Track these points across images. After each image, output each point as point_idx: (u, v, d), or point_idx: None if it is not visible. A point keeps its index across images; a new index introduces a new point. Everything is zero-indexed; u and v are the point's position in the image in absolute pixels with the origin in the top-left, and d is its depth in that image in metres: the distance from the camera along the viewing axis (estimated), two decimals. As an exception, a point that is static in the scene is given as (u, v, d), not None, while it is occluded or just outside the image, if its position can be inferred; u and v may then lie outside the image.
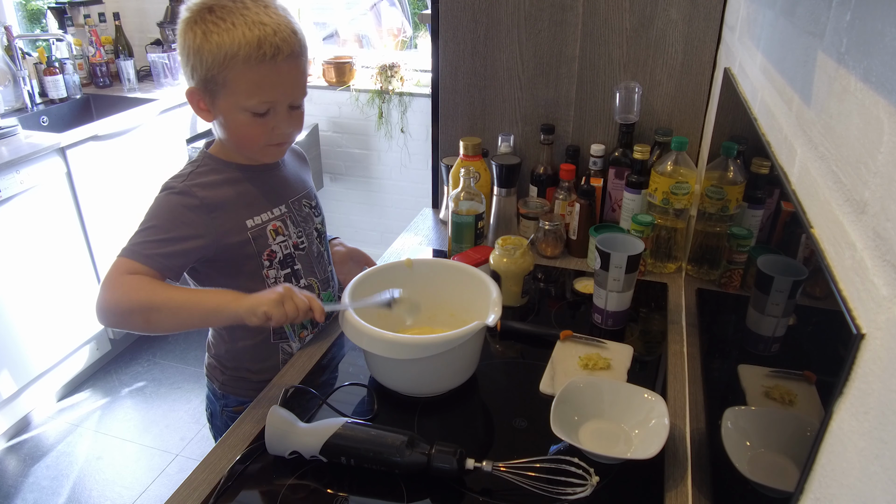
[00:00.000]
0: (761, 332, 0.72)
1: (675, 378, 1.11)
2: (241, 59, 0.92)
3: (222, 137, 1.05)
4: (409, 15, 3.20)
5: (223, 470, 0.90)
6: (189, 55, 0.95)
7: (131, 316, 0.94)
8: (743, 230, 1.00)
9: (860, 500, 0.38)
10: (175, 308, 0.94)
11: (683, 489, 0.88)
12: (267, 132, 1.01)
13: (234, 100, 0.96)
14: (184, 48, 0.96)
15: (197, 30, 0.94)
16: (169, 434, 2.33)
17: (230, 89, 0.96)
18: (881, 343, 0.37)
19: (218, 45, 0.92)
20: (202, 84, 0.97)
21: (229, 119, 1.00)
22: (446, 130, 1.72)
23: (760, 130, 0.81)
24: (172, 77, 2.93)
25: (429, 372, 1.01)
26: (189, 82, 0.99)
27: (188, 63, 0.96)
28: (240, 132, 1.01)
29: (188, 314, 0.96)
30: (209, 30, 0.93)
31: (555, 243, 1.49)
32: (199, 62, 0.94)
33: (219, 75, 0.94)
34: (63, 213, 2.30)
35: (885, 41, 0.41)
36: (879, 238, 0.39)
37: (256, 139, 1.01)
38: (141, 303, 0.93)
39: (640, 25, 1.47)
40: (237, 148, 1.05)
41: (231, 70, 0.93)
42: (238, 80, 0.94)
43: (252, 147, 1.04)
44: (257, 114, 0.98)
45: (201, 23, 0.94)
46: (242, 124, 0.99)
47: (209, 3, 0.95)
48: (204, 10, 0.94)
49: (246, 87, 0.95)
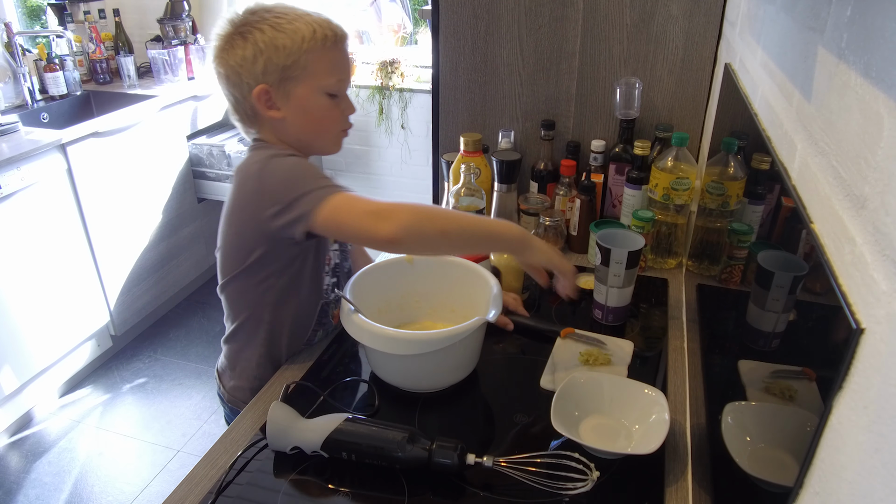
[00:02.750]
0: (762, 328, 0.72)
1: (675, 373, 1.11)
2: (318, 41, 0.98)
3: (294, 134, 1.04)
4: (409, 11, 3.19)
5: (225, 465, 0.91)
6: (258, 54, 0.97)
7: (428, 226, 0.93)
8: (743, 226, 1.00)
9: (859, 494, 0.38)
10: (462, 222, 0.97)
11: (684, 484, 0.88)
12: (340, 116, 1.05)
13: (315, 82, 1.00)
14: (246, 52, 0.97)
15: (262, 27, 0.97)
16: (170, 430, 2.33)
17: (310, 71, 0.99)
18: (881, 338, 0.37)
19: (294, 31, 0.97)
20: (279, 75, 0.98)
21: (310, 105, 1.01)
22: (447, 126, 1.72)
23: (761, 126, 0.81)
24: (172, 73, 2.92)
25: (430, 367, 1.02)
26: (254, 84, 0.98)
27: (256, 61, 0.97)
28: (320, 117, 1.03)
29: (475, 231, 0.98)
30: (277, 24, 0.97)
31: (555, 239, 1.49)
32: (274, 53, 0.97)
33: (300, 60, 0.98)
34: (64, 210, 2.30)
35: (886, 36, 0.41)
36: (879, 233, 0.39)
37: (334, 124, 1.06)
38: (429, 216, 0.94)
39: (640, 21, 1.46)
40: (316, 137, 1.06)
41: (311, 53, 0.98)
42: (318, 61, 0.99)
43: (329, 133, 1.06)
44: (332, 96, 1.02)
45: (263, 21, 0.97)
46: (322, 108, 1.02)
47: (257, 8, 1.00)
48: (259, 15, 0.99)
49: (326, 67, 1.00)
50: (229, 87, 1.01)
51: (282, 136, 1.05)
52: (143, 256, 2.69)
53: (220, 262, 1.09)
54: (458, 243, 0.98)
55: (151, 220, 2.72)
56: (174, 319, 2.96)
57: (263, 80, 0.98)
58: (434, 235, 0.94)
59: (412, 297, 1.17)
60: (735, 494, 0.73)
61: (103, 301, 2.54)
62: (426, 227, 0.93)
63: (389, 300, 1.15)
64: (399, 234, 0.90)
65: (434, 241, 0.95)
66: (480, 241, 1.00)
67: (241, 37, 0.98)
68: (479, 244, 1.01)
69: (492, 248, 1.02)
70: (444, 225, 0.94)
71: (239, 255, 1.04)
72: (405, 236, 0.91)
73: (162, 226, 2.78)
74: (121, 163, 2.52)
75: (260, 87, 0.98)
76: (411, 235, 0.91)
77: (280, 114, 1.01)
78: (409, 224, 0.91)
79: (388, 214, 0.91)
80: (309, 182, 0.95)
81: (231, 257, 1.06)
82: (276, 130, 1.04)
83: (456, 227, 0.95)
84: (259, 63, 0.97)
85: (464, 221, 0.98)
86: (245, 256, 1.03)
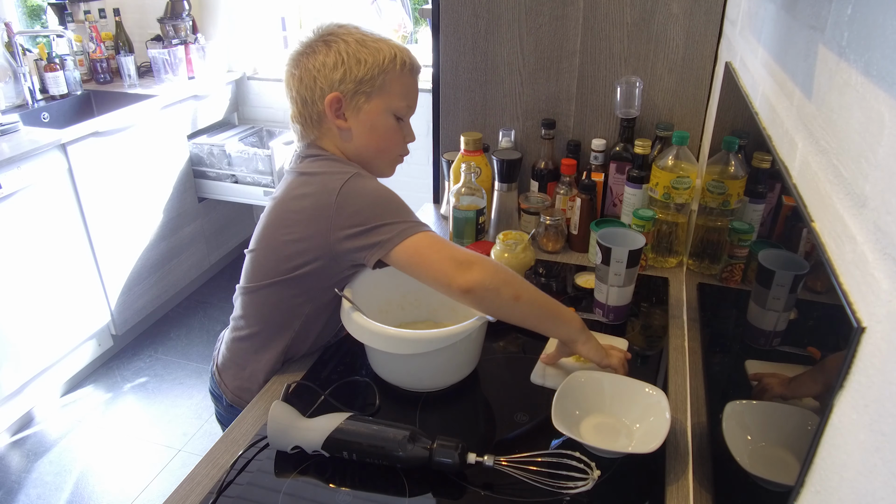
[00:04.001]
0: (762, 327, 0.72)
1: (676, 372, 1.11)
2: (398, 65, 1.03)
3: (356, 147, 1.06)
4: (409, 10, 3.19)
5: (226, 465, 0.91)
6: (338, 63, 1.00)
7: (505, 288, 0.95)
8: (744, 224, 1.00)
9: (860, 493, 0.38)
10: (535, 295, 0.98)
11: (685, 483, 0.88)
12: (401, 140, 1.09)
13: (387, 102, 1.04)
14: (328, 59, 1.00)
15: (348, 39, 1.01)
16: (171, 429, 2.33)
17: (385, 91, 1.03)
18: (882, 336, 0.37)
19: (377, 50, 1.01)
20: (354, 87, 1.01)
21: (377, 122, 1.04)
22: (447, 125, 1.72)
23: (761, 124, 0.81)
24: (173, 73, 2.92)
25: (431, 367, 1.02)
26: (328, 91, 1.01)
27: (336, 69, 1.00)
28: (384, 136, 1.06)
29: (543, 306, 0.99)
30: (363, 40, 1.01)
31: (556, 238, 1.49)
32: (356, 64, 1.00)
33: (378, 77, 1.01)
34: (64, 210, 2.30)
35: (886, 35, 0.41)
36: (880, 231, 0.39)
37: (395, 145, 1.09)
38: (507, 279, 0.96)
39: (640, 20, 1.46)
40: (377, 154, 1.08)
41: (390, 74, 1.02)
42: (393, 83, 1.03)
43: (389, 154, 1.09)
44: (399, 119, 1.06)
45: (349, 35, 1.01)
46: (389, 128, 1.06)
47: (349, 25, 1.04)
48: (346, 28, 1.03)
49: (399, 91, 1.04)
50: (301, 90, 1.03)
51: (343, 147, 1.06)
52: (143, 256, 2.69)
53: (255, 265, 1.07)
54: (526, 312, 0.99)
55: (152, 219, 2.72)
56: (175, 319, 2.96)
57: (339, 88, 1.01)
58: (507, 298, 0.95)
59: (413, 296, 1.17)
60: (736, 493, 0.73)
61: (104, 300, 2.54)
62: (503, 288, 0.95)
63: (390, 300, 1.15)
64: (475, 287, 0.93)
65: (505, 303, 0.96)
66: (545, 319, 1.01)
67: (324, 44, 1.01)
68: (543, 321, 1.01)
69: (550, 330, 1.03)
70: (519, 292, 0.96)
71: (286, 264, 1.02)
72: (481, 290, 0.94)
73: (162, 225, 2.78)
74: (121, 162, 2.52)
75: (333, 95, 1.01)
76: (488, 291, 0.94)
77: (347, 124, 1.03)
78: (488, 281, 0.93)
79: (470, 266, 0.94)
80: (396, 212, 0.98)
81: (272, 263, 1.04)
82: (338, 141, 1.06)
83: (528, 297, 0.97)
84: (338, 71, 1.00)
85: (537, 296, 0.98)
86: (294, 266, 1.02)
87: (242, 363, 1.13)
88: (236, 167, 2.84)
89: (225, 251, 3.25)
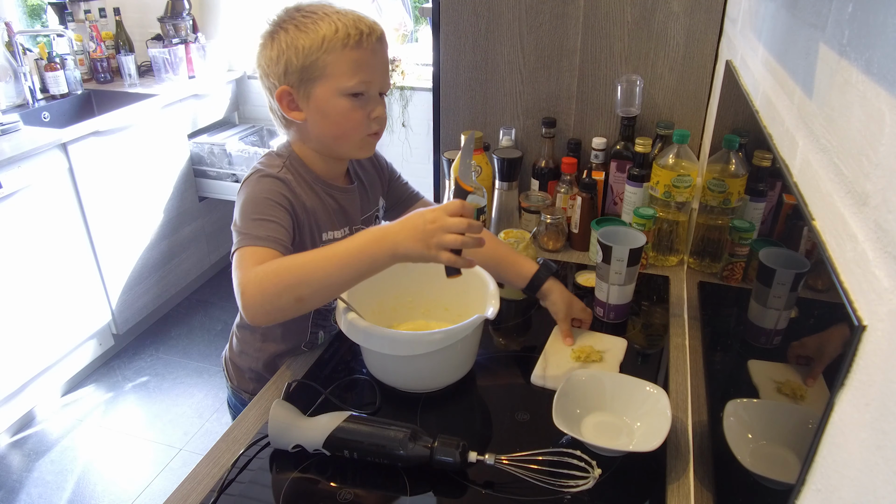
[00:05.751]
0: (763, 325, 0.72)
1: (676, 371, 1.11)
2: (339, 42, 0.95)
3: (315, 137, 1.03)
4: (409, 9, 3.18)
5: (227, 464, 0.91)
6: (280, 55, 0.96)
7: (280, 300, 0.85)
8: (745, 223, 1.00)
9: (862, 491, 0.38)
10: (314, 275, 0.85)
11: (685, 481, 0.88)
12: (365, 118, 1.00)
13: (334, 84, 0.97)
14: (272, 52, 0.97)
15: (288, 27, 0.96)
16: (172, 429, 2.34)
17: (329, 73, 0.96)
18: (882, 334, 0.37)
19: (314, 31, 0.95)
20: (298, 76, 0.97)
21: (329, 108, 0.98)
22: (447, 124, 1.72)
23: (762, 123, 0.81)
24: (173, 72, 2.92)
25: (428, 367, 1.01)
26: (278, 85, 0.98)
27: (278, 62, 0.96)
28: (341, 120, 1.00)
29: (325, 272, 0.85)
30: (302, 23, 0.96)
31: (556, 237, 1.49)
32: (294, 54, 0.95)
33: (318, 61, 0.95)
34: (65, 209, 2.30)
35: (887, 33, 0.41)
36: (881, 230, 0.39)
37: (357, 127, 1.01)
38: (278, 290, 0.85)
39: (641, 18, 1.46)
40: (336, 141, 1.03)
41: (330, 53, 0.95)
42: (337, 62, 0.96)
43: (353, 136, 1.02)
44: (356, 97, 0.98)
45: (290, 21, 0.96)
46: (344, 110, 0.99)
47: (292, 8, 0.98)
48: (289, 13, 0.98)
49: (346, 68, 0.96)
50: (263, 87, 1.02)
51: (305, 139, 1.04)
52: (144, 255, 2.69)
53: None
54: (319, 295, 0.87)
55: (153, 218, 2.72)
56: (176, 318, 2.96)
57: (285, 81, 0.97)
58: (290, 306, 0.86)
59: (406, 296, 1.16)
60: (737, 492, 0.73)
61: (105, 300, 2.54)
62: (277, 301, 0.85)
63: (383, 301, 1.14)
64: (254, 317, 0.86)
65: (293, 308, 0.86)
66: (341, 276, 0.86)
67: (270, 37, 0.97)
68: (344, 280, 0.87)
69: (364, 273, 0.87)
70: (298, 293, 0.85)
71: None
72: (262, 315, 0.86)
73: (163, 224, 2.78)
74: (122, 161, 2.52)
75: (282, 89, 0.98)
76: (268, 314, 0.86)
77: (302, 115, 1.00)
78: (258, 304, 0.85)
79: (241, 295, 0.86)
80: (247, 221, 0.94)
81: None
82: (299, 133, 1.04)
83: (310, 288, 0.85)
84: (280, 65, 0.96)
85: (317, 274, 0.85)
86: None
87: (243, 348, 1.18)
88: (237, 166, 2.84)
89: (225, 250, 3.25)
